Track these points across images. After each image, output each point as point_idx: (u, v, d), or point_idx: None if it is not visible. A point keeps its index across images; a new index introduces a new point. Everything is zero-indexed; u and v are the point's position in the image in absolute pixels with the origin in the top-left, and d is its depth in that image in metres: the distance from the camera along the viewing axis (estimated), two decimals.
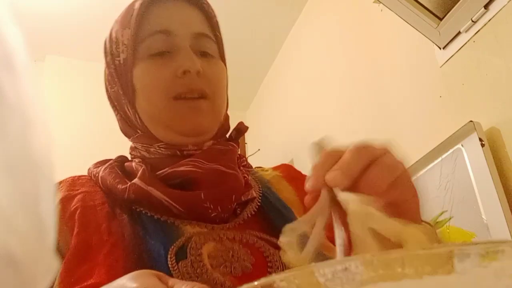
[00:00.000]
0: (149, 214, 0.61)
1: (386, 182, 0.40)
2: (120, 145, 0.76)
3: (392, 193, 0.40)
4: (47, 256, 0.22)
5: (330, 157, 0.41)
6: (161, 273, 0.42)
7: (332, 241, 0.62)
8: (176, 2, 0.69)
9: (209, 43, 0.69)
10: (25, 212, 0.20)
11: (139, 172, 0.63)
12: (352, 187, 0.39)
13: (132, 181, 0.62)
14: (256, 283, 0.20)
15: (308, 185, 0.41)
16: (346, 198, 0.37)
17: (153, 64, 0.65)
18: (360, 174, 0.40)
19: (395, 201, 0.41)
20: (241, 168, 0.70)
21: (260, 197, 0.67)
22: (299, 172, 0.78)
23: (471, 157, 1.27)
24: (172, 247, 0.55)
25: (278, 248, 0.59)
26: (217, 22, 0.71)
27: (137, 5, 0.67)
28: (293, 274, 0.19)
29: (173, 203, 0.60)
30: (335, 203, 0.39)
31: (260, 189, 0.69)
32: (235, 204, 0.63)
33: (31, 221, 0.21)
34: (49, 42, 2.59)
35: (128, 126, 0.70)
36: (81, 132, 2.54)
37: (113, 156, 0.73)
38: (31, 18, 2.40)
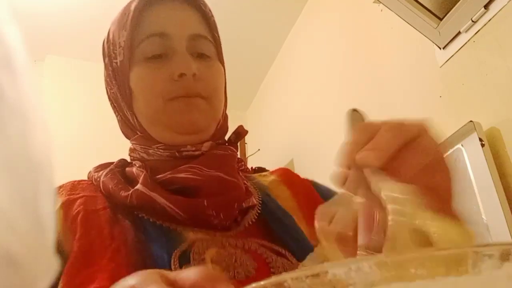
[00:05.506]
0: (151, 220, 0.61)
1: (419, 166, 0.38)
2: (120, 146, 0.76)
3: (423, 178, 0.38)
4: (47, 255, 0.22)
5: (364, 133, 0.39)
6: (166, 272, 0.41)
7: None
8: (172, 3, 0.68)
9: (206, 44, 0.68)
10: (25, 212, 0.20)
11: (141, 178, 0.62)
12: (383, 168, 0.37)
13: (135, 187, 0.61)
14: (263, 282, 0.20)
15: (338, 162, 0.39)
16: (381, 186, 0.35)
17: (149, 67, 0.65)
18: (393, 155, 0.38)
19: (425, 185, 0.37)
20: (240, 173, 0.70)
21: (259, 204, 0.67)
22: (297, 176, 0.77)
23: (471, 157, 1.27)
24: (176, 251, 0.55)
25: (279, 254, 0.59)
26: (214, 22, 0.71)
27: (132, 6, 0.67)
28: (304, 273, 0.19)
29: (176, 210, 0.60)
30: (364, 183, 0.37)
31: (260, 196, 0.69)
32: (237, 211, 0.63)
33: (31, 221, 0.20)
34: (49, 42, 2.59)
35: (128, 127, 0.70)
36: (81, 132, 2.54)
37: (112, 156, 0.73)
38: (31, 18, 2.40)
